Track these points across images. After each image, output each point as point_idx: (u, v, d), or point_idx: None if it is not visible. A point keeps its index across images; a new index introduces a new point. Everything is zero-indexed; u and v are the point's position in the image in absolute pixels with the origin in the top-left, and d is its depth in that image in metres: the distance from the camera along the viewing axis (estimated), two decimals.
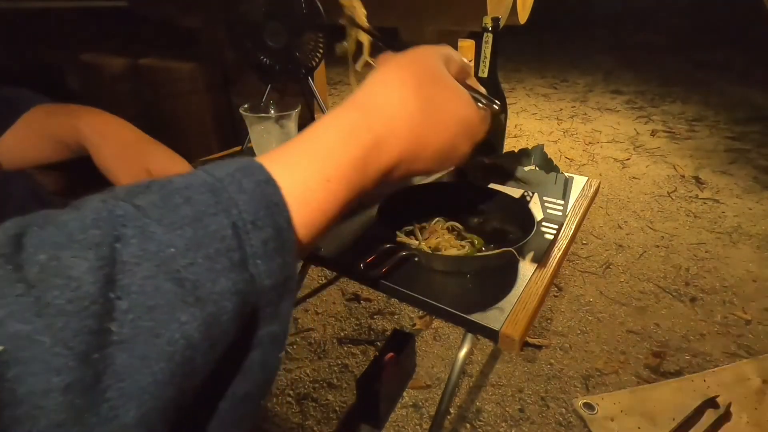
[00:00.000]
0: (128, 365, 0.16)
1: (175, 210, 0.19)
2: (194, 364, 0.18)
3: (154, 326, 0.17)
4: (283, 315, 0.22)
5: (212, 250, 0.19)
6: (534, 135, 2.79)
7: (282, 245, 0.21)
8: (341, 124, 0.27)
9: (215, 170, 0.21)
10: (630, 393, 1.07)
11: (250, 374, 0.22)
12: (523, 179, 0.72)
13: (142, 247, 0.17)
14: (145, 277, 0.17)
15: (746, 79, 3.84)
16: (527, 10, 1.63)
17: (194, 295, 0.18)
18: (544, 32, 6.03)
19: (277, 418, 1.03)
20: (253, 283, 0.20)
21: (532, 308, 0.54)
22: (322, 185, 0.25)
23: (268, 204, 0.21)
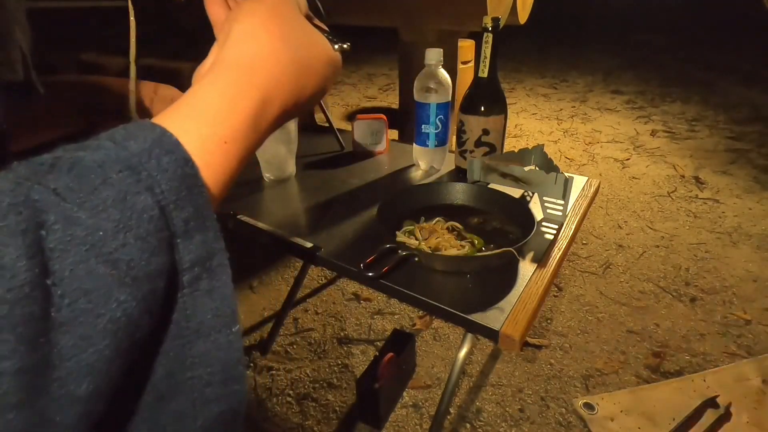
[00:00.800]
0: (73, 346, 0.17)
1: (94, 192, 0.18)
2: (135, 337, 0.19)
3: (93, 308, 0.17)
4: (222, 291, 0.22)
5: (142, 230, 0.19)
6: (534, 135, 2.79)
7: (203, 224, 0.22)
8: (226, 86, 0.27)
9: (128, 143, 0.20)
10: (630, 393, 1.07)
11: (207, 359, 0.22)
12: (523, 179, 0.72)
13: (67, 232, 0.17)
14: (76, 262, 0.17)
15: (746, 79, 3.84)
16: (527, 10, 1.63)
17: (130, 275, 0.18)
18: (544, 32, 6.03)
19: (277, 418, 1.03)
20: (175, 263, 0.20)
21: (532, 308, 0.54)
22: (220, 147, 0.25)
23: (188, 184, 0.21)
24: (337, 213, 0.76)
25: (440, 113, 0.87)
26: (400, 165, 0.96)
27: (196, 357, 0.22)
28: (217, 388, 0.23)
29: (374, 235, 0.69)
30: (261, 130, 0.28)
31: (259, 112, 0.28)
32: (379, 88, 3.90)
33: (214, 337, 0.22)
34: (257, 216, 0.75)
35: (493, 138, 0.84)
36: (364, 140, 1.01)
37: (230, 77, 0.28)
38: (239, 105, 0.27)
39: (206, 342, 0.22)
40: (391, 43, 1.94)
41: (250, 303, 1.40)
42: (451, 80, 0.87)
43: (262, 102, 0.28)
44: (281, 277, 1.51)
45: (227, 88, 0.27)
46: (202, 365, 0.22)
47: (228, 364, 0.23)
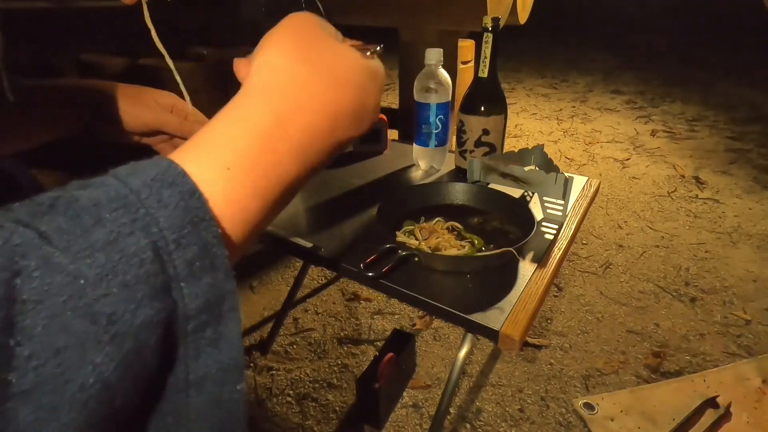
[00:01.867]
0: (33, 420, 0.14)
1: (84, 234, 0.16)
2: (115, 405, 0.16)
3: (62, 372, 0.15)
4: (230, 340, 0.20)
5: (129, 276, 0.17)
6: (534, 135, 2.79)
7: (211, 264, 0.19)
8: (234, 113, 0.25)
9: (129, 178, 0.19)
10: (630, 393, 1.07)
11: (204, 415, 0.20)
12: (523, 179, 0.72)
13: (45, 281, 0.15)
14: (49, 316, 0.15)
15: (746, 79, 3.84)
16: (527, 10, 1.63)
17: (110, 332, 0.16)
18: (544, 32, 6.03)
19: (277, 418, 1.03)
20: (176, 310, 0.18)
21: (532, 308, 0.54)
22: (222, 174, 0.22)
23: (193, 220, 0.19)
24: (337, 213, 0.76)
25: (440, 113, 0.87)
26: (400, 165, 0.96)
27: (193, 414, 0.19)
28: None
29: (374, 235, 0.69)
30: (281, 153, 0.25)
31: (273, 133, 0.24)
32: None
33: (217, 394, 0.20)
34: None
35: (493, 138, 0.84)
36: (363, 140, 1.02)
37: (239, 103, 0.26)
38: (245, 128, 0.24)
39: (208, 398, 0.20)
40: (391, 43, 1.94)
41: (250, 303, 1.40)
42: (451, 80, 0.87)
43: (275, 121, 0.25)
44: (281, 277, 1.51)
45: (234, 114, 0.25)
46: (200, 422, 0.20)
47: (231, 423, 0.21)
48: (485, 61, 0.80)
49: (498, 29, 0.78)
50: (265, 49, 0.28)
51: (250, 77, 0.27)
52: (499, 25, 0.78)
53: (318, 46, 0.29)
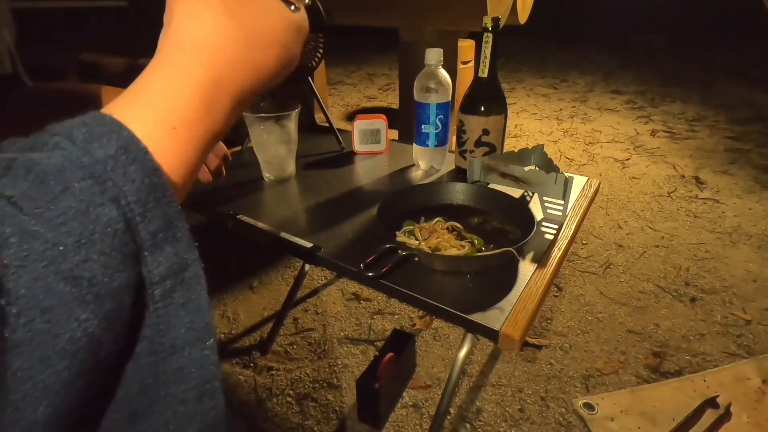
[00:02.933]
0: (28, 368, 0.16)
1: (54, 201, 0.17)
2: (99, 356, 0.18)
3: (50, 328, 0.16)
4: (197, 303, 0.21)
5: (106, 245, 0.18)
6: (534, 135, 2.79)
7: (173, 235, 0.21)
8: (170, 70, 0.25)
9: (91, 146, 0.19)
10: (630, 393, 1.07)
11: (182, 375, 0.21)
12: (523, 179, 0.72)
13: (23, 247, 0.16)
14: (33, 279, 0.16)
15: (746, 79, 3.84)
16: (527, 10, 1.63)
17: (92, 292, 0.17)
18: (544, 32, 6.03)
19: (277, 418, 1.03)
20: (142, 276, 0.20)
21: (532, 308, 0.54)
22: (169, 134, 0.23)
23: (156, 195, 0.20)
24: (337, 213, 0.77)
25: (440, 113, 0.87)
26: (400, 165, 0.96)
27: (170, 373, 0.21)
28: (191, 406, 0.22)
29: (374, 235, 0.69)
30: (216, 113, 0.26)
31: (210, 94, 0.26)
32: (379, 88, 3.90)
33: (188, 352, 0.21)
34: (257, 216, 0.75)
35: (493, 138, 0.84)
36: (364, 140, 1.02)
37: (173, 60, 0.26)
38: (185, 88, 0.25)
39: (180, 357, 0.21)
40: (391, 43, 1.94)
41: (250, 303, 1.40)
42: (451, 80, 0.87)
43: (211, 83, 0.26)
44: (281, 277, 1.51)
45: (171, 72, 0.25)
46: (176, 382, 0.21)
47: (203, 379, 0.22)
48: (485, 61, 0.80)
49: (498, 29, 0.78)
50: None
51: (175, 24, 0.27)
52: (499, 25, 0.78)
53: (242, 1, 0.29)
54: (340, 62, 4.68)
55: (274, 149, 0.86)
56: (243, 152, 1.06)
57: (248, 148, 1.08)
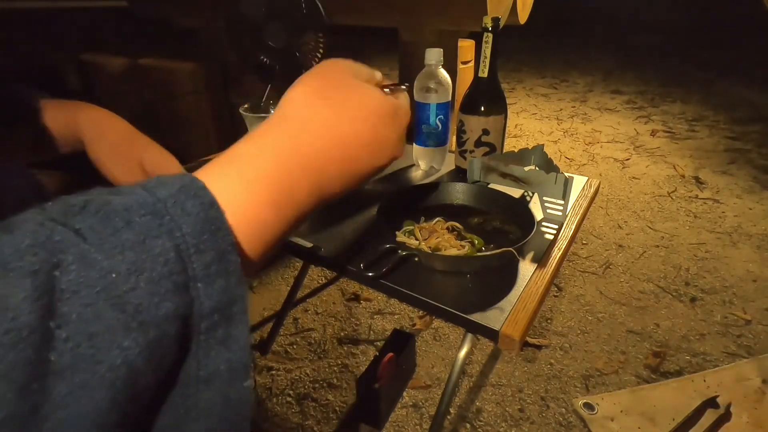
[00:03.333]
0: (68, 394, 0.16)
1: (115, 234, 0.18)
2: (137, 388, 0.18)
3: (94, 353, 0.16)
4: (238, 340, 0.22)
5: (155, 273, 0.19)
6: (534, 135, 2.79)
7: (225, 269, 0.21)
8: (253, 137, 0.28)
9: (157, 189, 0.21)
10: (630, 393, 1.07)
11: (213, 409, 0.21)
12: (523, 179, 0.72)
13: (81, 273, 0.17)
14: (84, 305, 0.17)
15: (746, 79, 3.84)
16: (527, 10, 1.63)
17: (137, 320, 0.18)
18: (544, 32, 6.03)
19: (277, 418, 1.03)
20: (192, 307, 0.20)
21: (532, 308, 0.54)
22: (241, 186, 0.25)
23: (211, 228, 0.21)
24: (337, 213, 0.77)
25: (440, 113, 0.87)
26: (400, 165, 0.96)
27: (202, 408, 0.21)
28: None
29: (374, 235, 0.69)
30: (295, 171, 0.27)
31: (287, 152, 0.27)
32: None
33: (225, 390, 0.21)
34: None
35: (493, 138, 0.84)
36: None
37: (263, 129, 0.28)
38: (263, 147, 0.27)
39: (216, 393, 0.21)
40: (391, 43, 1.94)
41: (250, 303, 1.40)
42: (451, 80, 0.87)
43: (290, 142, 0.28)
44: (281, 277, 1.51)
45: (254, 137, 0.27)
46: (209, 416, 0.21)
47: (237, 419, 0.22)
48: (485, 61, 0.80)
49: (498, 29, 0.78)
50: (292, 87, 0.31)
51: (275, 110, 0.30)
52: (499, 25, 0.78)
53: (337, 84, 0.32)
54: None
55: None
56: None
57: None
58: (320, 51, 0.98)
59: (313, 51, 0.98)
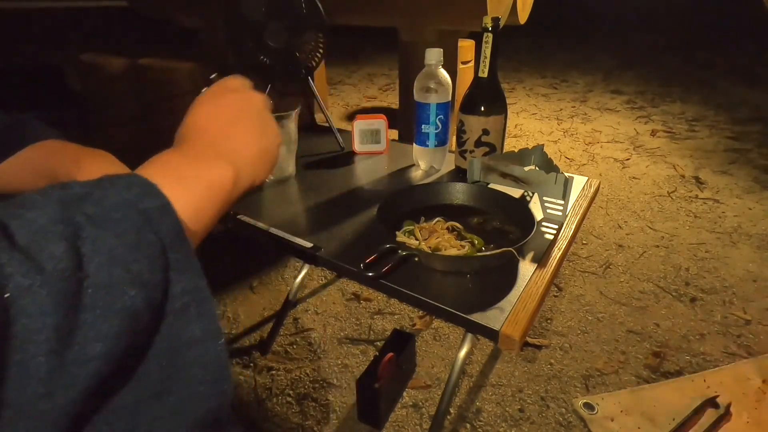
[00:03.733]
0: (92, 320, 0.22)
1: (117, 223, 0.25)
2: (140, 325, 0.24)
3: (109, 297, 0.23)
4: (208, 314, 0.28)
5: (149, 253, 0.25)
6: (534, 135, 2.79)
7: (189, 264, 0.28)
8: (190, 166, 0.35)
9: (144, 199, 0.27)
10: (630, 393, 1.07)
11: (197, 363, 0.28)
12: (523, 179, 0.72)
13: (96, 245, 0.23)
14: (101, 264, 0.23)
15: (746, 79, 3.84)
16: (527, 10, 1.63)
17: (139, 279, 0.24)
18: (544, 32, 6.04)
19: (277, 418, 1.03)
20: (169, 286, 0.26)
21: (532, 308, 0.54)
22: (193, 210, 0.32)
23: (179, 237, 0.28)
24: (337, 213, 0.77)
25: (440, 113, 0.87)
26: (400, 165, 0.96)
27: (188, 362, 0.27)
28: (208, 387, 0.28)
29: (374, 235, 0.69)
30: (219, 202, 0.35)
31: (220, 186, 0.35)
32: (379, 88, 3.90)
33: (204, 346, 0.28)
34: (257, 216, 0.75)
35: (493, 138, 0.84)
36: (364, 140, 1.02)
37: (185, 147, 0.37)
38: (201, 180, 0.34)
39: (198, 349, 0.28)
40: (391, 43, 1.94)
41: (250, 303, 1.40)
42: (451, 80, 0.87)
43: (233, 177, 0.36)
44: (281, 277, 1.51)
45: (191, 166, 0.35)
46: (196, 366, 0.28)
47: (218, 366, 0.29)
48: (485, 61, 0.81)
49: (498, 29, 0.78)
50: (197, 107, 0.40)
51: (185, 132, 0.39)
52: (499, 25, 0.78)
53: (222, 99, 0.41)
54: (340, 62, 4.68)
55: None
56: None
57: None
58: (320, 51, 0.98)
59: (313, 51, 0.98)
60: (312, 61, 0.99)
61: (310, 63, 0.99)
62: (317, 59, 0.99)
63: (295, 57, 0.98)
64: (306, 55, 0.98)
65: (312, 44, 0.97)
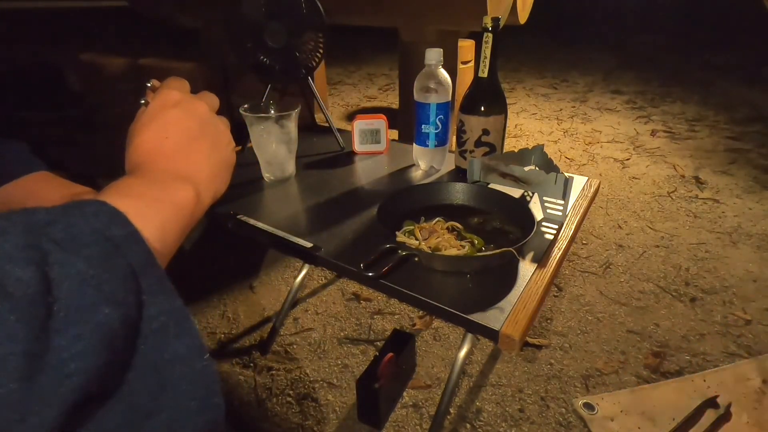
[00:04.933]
0: (66, 343, 0.22)
1: (86, 247, 0.25)
2: (117, 343, 0.24)
3: (83, 316, 0.23)
4: (190, 332, 0.28)
5: (120, 275, 0.25)
6: (534, 135, 2.79)
7: (161, 288, 0.28)
8: (154, 186, 0.35)
9: (111, 227, 0.27)
10: (630, 393, 1.07)
11: (183, 381, 0.28)
12: (523, 179, 0.72)
13: (65, 270, 0.23)
14: (71, 288, 0.23)
15: (746, 79, 3.84)
16: (527, 10, 1.63)
17: (113, 298, 0.24)
18: (544, 32, 6.04)
19: (277, 418, 1.03)
20: (143, 308, 0.26)
21: (532, 308, 0.54)
22: (159, 233, 0.32)
23: (150, 263, 0.28)
24: (337, 213, 0.77)
25: (440, 113, 0.87)
26: (400, 165, 0.96)
27: (176, 379, 0.27)
28: (199, 402, 0.28)
29: (374, 235, 0.69)
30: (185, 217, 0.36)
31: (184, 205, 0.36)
32: (379, 88, 3.90)
33: (190, 363, 0.28)
34: (257, 216, 0.75)
35: (493, 138, 0.84)
36: (364, 140, 1.02)
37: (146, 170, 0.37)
38: (167, 201, 0.34)
39: (183, 366, 0.28)
40: (391, 43, 1.94)
41: (250, 303, 1.40)
42: (451, 80, 0.87)
43: (195, 198, 0.37)
44: (281, 277, 1.51)
45: (152, 176, 0.36)
46: (184, 383, 0.28)
47: (206, 381, 0.29)
48: (485, 61, 0.81)
49: (498, 29, 0.78)
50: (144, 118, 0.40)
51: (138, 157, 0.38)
52: (499, 25, 0.78)
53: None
54: (340, 62, 4.68)
55: (274, 149, 0.86)
56: (243, 152, 1.06)
57: (248, 148, 1.08)
58: (320, 51, 0.98)
59: (313, 51, 0.98)
60: (312, 61, 0.99)
61: (310, 63, 0.99)
62: (317, 59, 0.99)
63: (295, 57, 0.98)
64: (306, 55, 0.98)
65: (312, 44, 0.97)
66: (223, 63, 1.86)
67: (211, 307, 1.38)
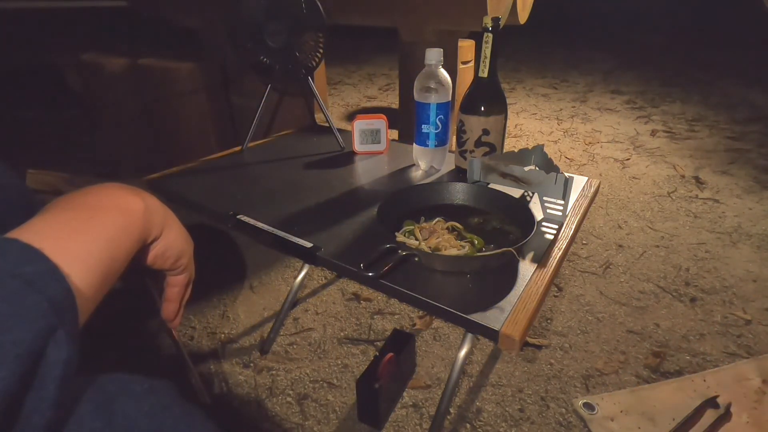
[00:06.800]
0: None
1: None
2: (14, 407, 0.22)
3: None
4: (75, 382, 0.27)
5: (31, 316, 0.23)
6: (534, 135, 2.79)
7: (72, 335, 0.26)
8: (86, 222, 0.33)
9: (24, 266, 0.26)
10: (630, 393, 1.07)
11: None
12: (523, 179, 0.72)
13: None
14: None
15: (746, 79, 3.84)
16: (527, 10, 1.63)
17: (13, 352, 0.21)
18: (544, 32, 6.04)
19: (277, 418, 1.03)
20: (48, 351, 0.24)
21: (532, 308, 0.54)
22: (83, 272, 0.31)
23: (70, 306, 0.27)
24: (337, 213, 0.77)
25: (440, 113, 0.87)
26: (400, 165, 0.96)
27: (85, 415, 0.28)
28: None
29: (374, 235, 0.69)
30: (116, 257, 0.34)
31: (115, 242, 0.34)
32: (379, 88, 3.90)
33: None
34: (257, 216, 0.75)
35: (493, 138, 0.84)
36: (364, 140, 1.02)
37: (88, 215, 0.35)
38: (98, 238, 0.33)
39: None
40: (391, 43, 1.94)
41: (250, 303, 1.40)
42: (451, 80, 0.87)
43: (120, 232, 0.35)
44: (281, 277, 1.51)
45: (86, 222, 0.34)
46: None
47: None
48: (485, 61, 0.81)
49: (498, 29, 0.78)
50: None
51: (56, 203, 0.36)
52: (499, 25, 0.78)
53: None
54: (340, 62, 4.68)
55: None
56: (243, 152, 1.06)
57: (248, 148, 1.08)
58: (320, 51, 0.98)
59: (313, 51, 0.98)
60: (312, 61, 0.99)
61: (309, 63, 0.99)
62: (317, 59, 0.99)
63: (295, 57, 0.98)
64: (306, 55, 0.98)
65: (312, 44, 0.97)
66: (223, 63, 1.86)
67: (211, 307, 1.38)
